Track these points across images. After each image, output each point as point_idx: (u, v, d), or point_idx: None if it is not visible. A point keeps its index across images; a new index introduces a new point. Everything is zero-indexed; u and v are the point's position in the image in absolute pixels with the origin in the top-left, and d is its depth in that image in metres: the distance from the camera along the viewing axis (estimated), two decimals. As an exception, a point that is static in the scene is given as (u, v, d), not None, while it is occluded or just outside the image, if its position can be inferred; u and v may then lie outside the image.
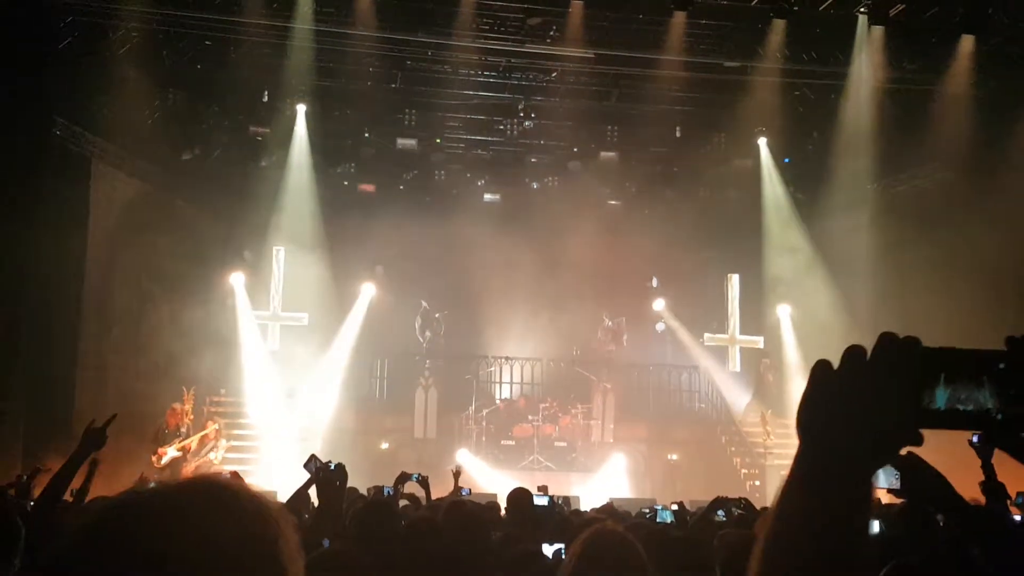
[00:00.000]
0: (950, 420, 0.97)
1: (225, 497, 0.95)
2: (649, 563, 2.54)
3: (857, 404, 0.97)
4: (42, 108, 12.25)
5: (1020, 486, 5.25)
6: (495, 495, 9.92)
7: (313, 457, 5.00)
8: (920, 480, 2.23)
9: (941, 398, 0.97)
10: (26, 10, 11.39)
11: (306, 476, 5.05)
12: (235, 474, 6.47)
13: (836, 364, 1.00)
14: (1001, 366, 0.97)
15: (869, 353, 0.99)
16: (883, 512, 4.07)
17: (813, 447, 1.00)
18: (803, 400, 1.01)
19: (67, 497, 4.87)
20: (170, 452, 12.60)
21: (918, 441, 0.97)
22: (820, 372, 1.00)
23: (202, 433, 13.27)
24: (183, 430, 13.00)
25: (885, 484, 2.30)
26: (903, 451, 0.97)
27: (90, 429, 4.03)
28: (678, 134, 15.13)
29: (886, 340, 0.98)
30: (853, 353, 0.99)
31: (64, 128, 12.96)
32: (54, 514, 3.85)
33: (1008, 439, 0.99)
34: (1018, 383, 0.97)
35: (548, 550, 4.32)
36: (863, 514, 0.98)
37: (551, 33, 13.15)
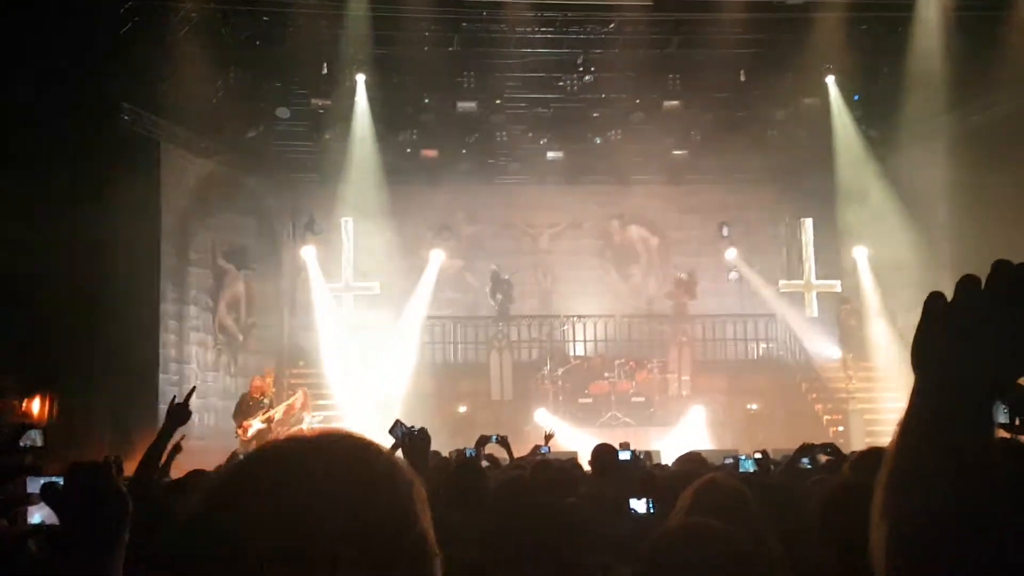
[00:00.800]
0: None
1: (360, 447, 0.97)
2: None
3: (973, 336, 0.94)
4: (108, 95, 12.53)
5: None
6: (575, 453, 10.04)
7: (398, 422, 5.11)
8: None
9: None
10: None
11: (390, 441, 5.20)
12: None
13: (949, 297, 0.98)
14: None
15: (984, 282, 0.96)
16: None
17: (929, 383, 0.97)
18: (917, 335, 0.98)
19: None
20: (255, 424, 13.01)
21: None
22: (933, 305, 0.97)
23: (287, 403, 13.69)
24: (266, 402, 13.40)
25: (998, 418, 2.29)
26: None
27: (173, 406, 4.21)
28: (742, 78, 14.74)
29: (1001, 267, 0.95)
30: (967, 283, 0.96)
31: (131, 113, 13.28)
32: (149, 492, 4.04)
33: None
34: None
35: (638, 505, 4.38)
36: (986, 450, 0.95)
37: (608, -18, 12.95)
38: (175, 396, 4.44)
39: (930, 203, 14.97)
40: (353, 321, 15.85)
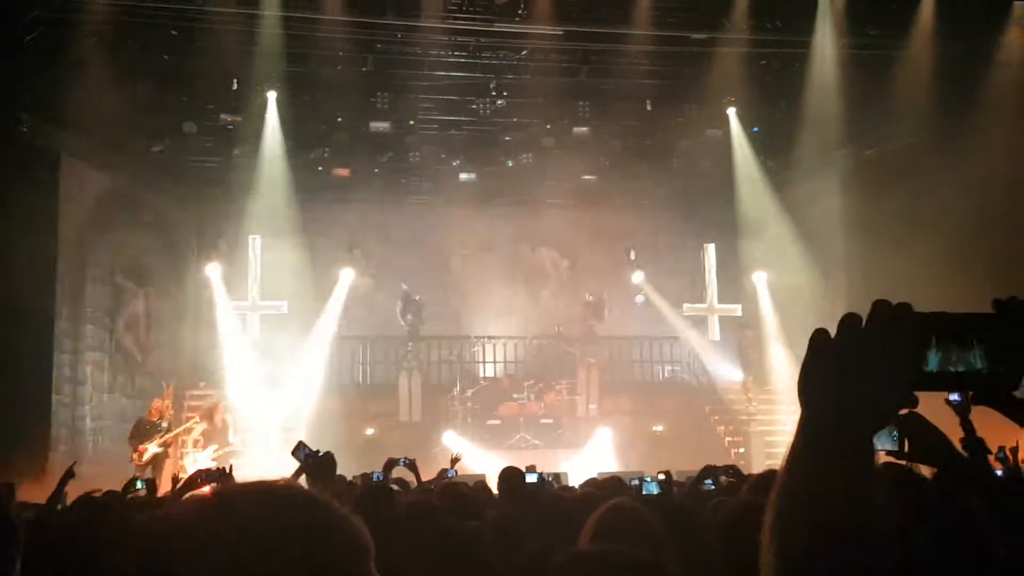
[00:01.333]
0: (942, 382, 1.00)
1: (313, 501, 0.96)
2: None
3: (854, 370, 0.99)
4: (7, 103, 12.12)
5: (997, 443, 5.42)
6: (483, 475, 9.99)
7: (301, 444, 5.00)
8: (922, 440, 2.23)
9: (933, 361, 1.00)
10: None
11: (294, 464, 5.05)
12: (222, 470, 6.45)
13: (833, 332, 1.02)
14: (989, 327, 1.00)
15: (864, 320, 1.00)
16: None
17: (813, 415, 1.01)
18: (802, 369, 1.03)
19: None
20: (151, 448, 12.51)
21: (912, 403, 1.00)
22: (818, 340, 1.03)
23: (188, 426, 13.23)
24: (164, 425, 12.90)
25: (886, 446, 2.30)
26: (903, 412, 0.99)
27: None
28: (649, 107, 15.17)
29: (880, 306, 1.00)
30: (849, 321, 1.01)
31: (30, 123, 12.81)
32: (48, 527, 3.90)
33: (997, 397, 1.03)
34: (1005, 343, 1.00)
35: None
36: (865, 478, 0.99)
37: (519, 11, 13.12)
38: (74, 462, 4.39)
39: (825, 232, 15.62)
40: (259, 341, 15.47)
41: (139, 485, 6.88)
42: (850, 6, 13.30)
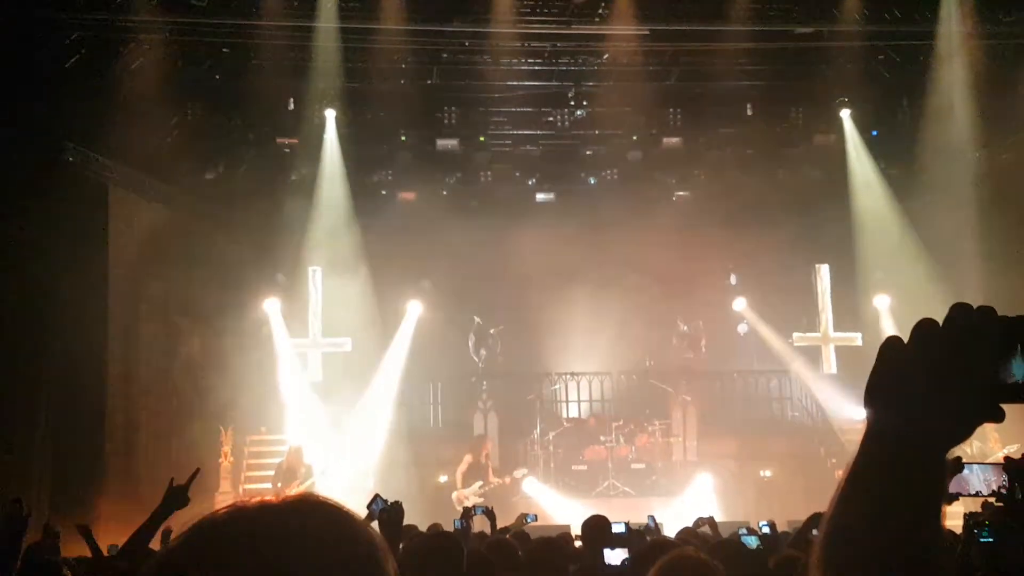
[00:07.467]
0: None
1: (336, 517, 0.99)
2: None
3: (930, 380, 0.98)
4: (51, 133, 12.59)
5: None
6: (567, 526, 10.01)
7: (377, 496, 5.23)
8: None
9: (1020, 370, 0.99)
10: (26, 29, 11.74)
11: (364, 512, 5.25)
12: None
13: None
14: None
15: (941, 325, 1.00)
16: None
17: (879, 428, 1.01)
18: (871, 378, 1.03)
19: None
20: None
21: (998, 417, 0.98)
22: (889, 348, 1.03)
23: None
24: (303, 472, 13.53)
25: (982, 489, 2.35)
26: (1013, 457, 0.98)
27: (172, 488, 4.43)
28: (749, 112, 15.12)
29: (959, 311, 1.01)
30: (923, 326, 1.02)
31: (76, 153, 13.29)
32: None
33: None
34: None
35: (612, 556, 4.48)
36: (933, 502, 0.99)
37: (599, 11, 13.26)
38: (173, 478, 4.64)
39: (958, 248, 15.12)
40: (321, 381, 15.80)
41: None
42: (978, -9, 13.07)
